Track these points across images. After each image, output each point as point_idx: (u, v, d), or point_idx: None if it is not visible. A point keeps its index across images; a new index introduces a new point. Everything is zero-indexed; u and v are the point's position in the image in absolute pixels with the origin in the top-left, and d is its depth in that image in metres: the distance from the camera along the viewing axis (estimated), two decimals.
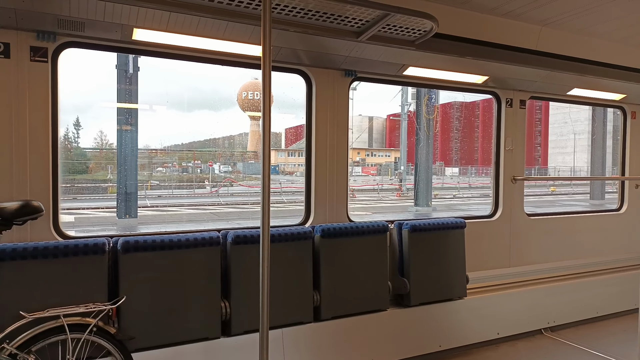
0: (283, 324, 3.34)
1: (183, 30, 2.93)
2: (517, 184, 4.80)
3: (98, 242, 2.79)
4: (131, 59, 12.45)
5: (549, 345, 4.34)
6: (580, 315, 4.87)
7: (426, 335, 3.90)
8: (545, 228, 5.04)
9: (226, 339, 3.14)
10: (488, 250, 4.65)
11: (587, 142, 41.63)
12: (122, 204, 13.13)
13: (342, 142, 3.90)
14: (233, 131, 54.78)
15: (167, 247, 2.97)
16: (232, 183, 28.12)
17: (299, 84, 3.83)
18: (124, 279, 2.86)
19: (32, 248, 2.64)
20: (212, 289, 3.11)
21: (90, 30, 2.85)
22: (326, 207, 3.84)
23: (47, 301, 2.63)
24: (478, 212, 16.06)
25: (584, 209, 12.35)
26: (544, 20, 3.89)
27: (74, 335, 2.58)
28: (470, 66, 3.99)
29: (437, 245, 3.98)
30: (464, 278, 4.12)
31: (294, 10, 2.76)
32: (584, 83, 4.67)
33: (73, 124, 25.80)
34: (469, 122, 55.38)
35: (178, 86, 61.81)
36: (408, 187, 27.68)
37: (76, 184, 22.30)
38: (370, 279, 3.68)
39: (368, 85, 6.50)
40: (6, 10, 2.56)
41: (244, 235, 3.21)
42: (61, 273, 2.69)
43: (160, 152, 33.16)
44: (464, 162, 51.87)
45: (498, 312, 4.31)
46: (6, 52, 2.76)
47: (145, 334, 2.88)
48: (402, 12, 2.78)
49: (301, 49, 3.40)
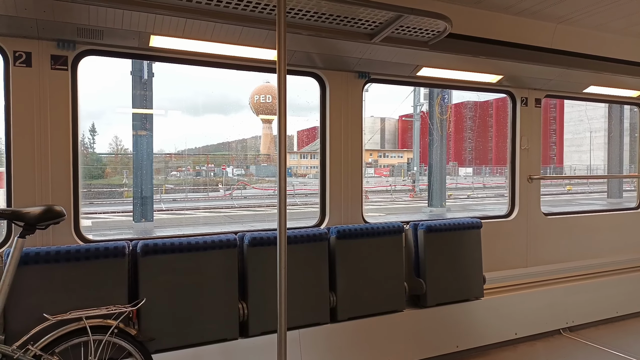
0: (300, 325, 3.35)
1: (199, 36, 2.96)
2: (534, 183, 4.76)
3: (118, 246, 2.84)
4: (145, 65, 12.60)
5: (568, 345, 4.29)
6: (600, 315, 4.80)
7: (443, 335, 3.88)
8: (563, 227, 4.98)
9: (244, 340, 3.17)
10: (505, 250, 4.61)
11: (604, 140, 40.97)
12: (138, 207, 13.28)
13: (356, 143, 3.90)
14: (245, 134, 55.16)
15: (185, 250, 3.01)
16: (245, 186, 28.26)
17: (312, 86, 3.85)
18: (143, 281, 2.90)
19: (54, 252, 2.70)
20: (229, 290, 3.14)
21: (109, 38, 2.91)
22: (341, 209, 3.85)
23: (69, 303, 2.68)
24: (493, 212, 15.91)
25: (601, 207, 12.21)
26: (559, 17, 3.86)
27: (96, 336, 2.62)
28: (485, 65, 3.97)
29: (453, 246, 3.97)
30: (481, 278, 4.09)
31: (308, 14, 2.78)
32: (601, 80, 4.61)
33: (89, 129, 26.19)
34: (482, 122, 54.95)
35: (189, 91, 62.46)
36: (421, 188, 27.55)
37: (92, 189, 22.62)
38: (386, 279, 3.68)
39: (379, 86, 6.51)
40: (28, 21, 2.62)
41: (261, 237, 3.24)
42: (83, 276, 2.74)
43: (175, 156, 33.52)
44: (478, 161, 51.47)
45: (516, 312, 4.27)
46: (28, 61, 2.82)
47: (164, 335, 2.92)
48: (415, 13, 2.78)
49: (315, 52, 3.42)
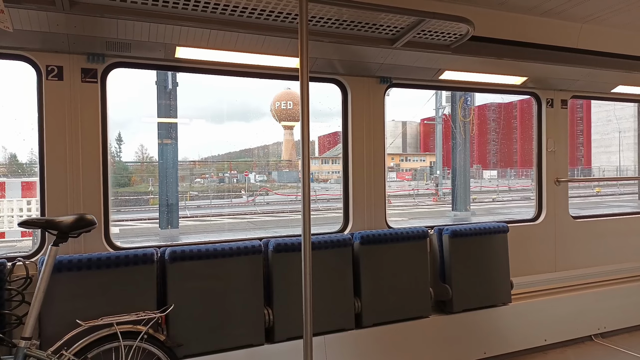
0: (325, 330, 3.35)
1: (223, 47, 3.02)
2: (561, 186, 4.66)
3: (147, 253, 2.90)
4: (170, 75, 12.84)
5: (600, 352, 4.17)
6: (633, 321, 4.66)
7: (470, 342, 3.83)
8: (592, 230, 4.86)
9: (270, 345, 3.19)
10: (533, 255, 4.52)
11: (634, 140, 39.85)
12: (164, 215, 13.49)
13: (379, 148, 3.90)
14: (267, 141, 55.60)
15: (212, 256, 3.05)
16: (267, 192, 28.45)
17: (333, 92, 3.87)
18: (171, 287, 2.96)
19: (86, 259, 2.78)
20: (255, 296, 3.16)
21: (136, 51, 2.99)
22: (364, 214, 3.85)
23: (100, 309, 2.75)
24: (520, 215, 15.59)
25: (632, 210, 11.85)
26: (584, 17, 3.79)
27: (126, 342, 2.68)
28: (509, 67, 3.93)
29: (480, 251, 3.92)
30: (508, 283, 4.03)
31: (329, 22, 2.81)
32: (629, 80, 4.50)
33: (115, 139, 26.81)
34: (507, 123, 54.09)
35: (212, 99, 63.44)
36: (444, 192, 27.23)
37: (119, 197, 23.12)
38: (411, 285, 3.66)
39: (401, 90, 6.44)
40: (59, 36, 2.72)
41: (285, 243, 3.26)
42: (113, 282, 2.81)
43: (199, 163, 34.01)
44: (503, 164, 50.63)
45: (545, 318, 4.18)
46: (60, 75, 2.93)
47: (192, 340, 2.96)
48: (437, 17, 2.77)
49: (336, 59, 3.44)
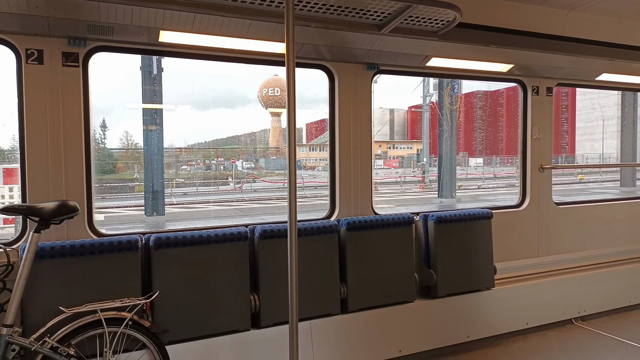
0: (311, 316, 3.38)
1: (208, 31, 2.97)
2: (545, 173, 4.72)
3: (131, 239, 2.88)
4: (155, 60, 12.64)
5: (580, 335, 4.28)
6: (612, 305, 4.78)
7: (454, 325, 3.89)
8: (575, 217, 4.95)
9: (256, 331, 3.21)
10: (516, 240, 4.59)
11: (617, 128, 40.36)
12: (149, 201, 13.40)
13: (366, 135, 3.90)
14: (254, 128, 55.22)
15: (197, 243, 3.04)
16: (254, 179, 28.35)
17: (320, 79, 3.84)
18: (156, 274, 2.94)
19: (69, 246, 2.75)
20: (241, 282, 3.17)
21: (119, 35, 2.93)
22: (351, 201, 3.86)
23: (84, 296, 2.73)
24: (504, 202, 15.81)
25: (614, 196, 12.07)
26: (570, 4, 3.80)
27: (111, 328, 2.67)
28: (495, 55, 3.94)
29: (464, 236, 3.96)
30: (492, 268, 4.09)
31: (316, 7, 2.77)
32: (614, 67, 4.55)
33: (99, 125, 26.41)
34: (493, 111, 54.43)
35: (197, 86, 62.73)
36: (431, 179, 27.43)
37: (104, 184, 22.84)
38: (397, 270, 3.69)
39: (388, 77, 6.46)
40: (40, 19, 2.65)
41: (271, 229, 3.26)
42: (97, 269, 2.79)
43: (185, 150, 33.70)
44: (489, 152, 51.06)
45: (527, 302, 4.26)
46: (40, 59, 2.86)
47: (178, 326, 2.96)
48: (424, 3, 2.75)
49: (323, 45, 3.41)
